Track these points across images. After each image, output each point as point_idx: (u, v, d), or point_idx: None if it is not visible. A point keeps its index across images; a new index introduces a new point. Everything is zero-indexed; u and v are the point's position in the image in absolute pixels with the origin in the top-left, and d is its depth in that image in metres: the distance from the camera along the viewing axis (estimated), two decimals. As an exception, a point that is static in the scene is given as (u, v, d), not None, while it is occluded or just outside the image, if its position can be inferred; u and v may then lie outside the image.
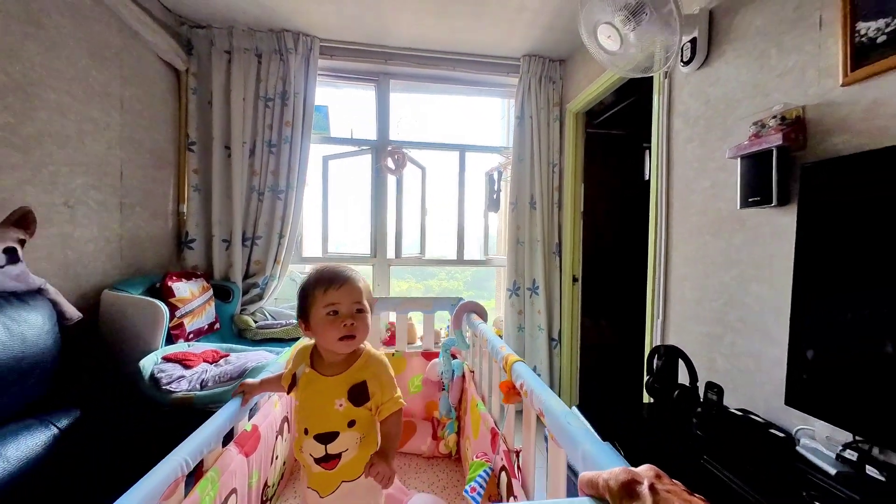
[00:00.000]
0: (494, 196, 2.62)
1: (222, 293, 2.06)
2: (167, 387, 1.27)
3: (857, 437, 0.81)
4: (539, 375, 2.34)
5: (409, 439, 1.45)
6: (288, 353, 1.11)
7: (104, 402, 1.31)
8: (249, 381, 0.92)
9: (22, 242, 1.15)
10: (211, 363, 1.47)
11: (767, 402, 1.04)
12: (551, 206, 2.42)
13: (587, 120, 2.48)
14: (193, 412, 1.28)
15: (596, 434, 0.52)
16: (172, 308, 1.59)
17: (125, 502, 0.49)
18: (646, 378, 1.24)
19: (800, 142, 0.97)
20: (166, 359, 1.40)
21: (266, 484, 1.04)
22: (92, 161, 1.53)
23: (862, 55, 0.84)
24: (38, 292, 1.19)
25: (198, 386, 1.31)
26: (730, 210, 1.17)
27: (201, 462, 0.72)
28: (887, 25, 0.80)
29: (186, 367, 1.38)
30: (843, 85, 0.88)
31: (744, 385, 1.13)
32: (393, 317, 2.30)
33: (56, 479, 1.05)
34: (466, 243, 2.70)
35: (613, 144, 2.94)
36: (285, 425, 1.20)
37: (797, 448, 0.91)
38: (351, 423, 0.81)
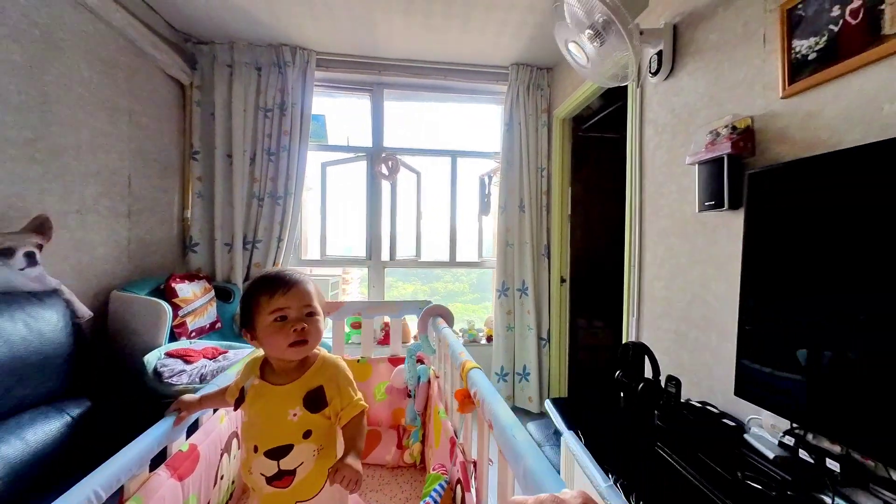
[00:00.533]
0: (486, 200, 2.70)
1: (224, 294, 2.17)
2: (169, 380, 1.38)
3: (794, 425, 0.87)
4: (528, 374, 2.41)
5: (373, 449, 1.37)
6: (238, 365, 1.03)
7: (112, 393, 1.42)
8: (187, 397, 0.84)
9: (40, 247, 1.27)
10: (210, 359, 1.58)
11: (724, 394, 1.10)
12: (540, 210, 2.49)
13: (575, 125, 2.55)
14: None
15: (539, 450, 0.50)
16: (175, 308, 1.70)
17: None
18: (616, 373, 1.31)
19: (749, 149, 1.03)
20: (169, 354, 1.50)
21: None
22: (102, 171, 1.65)
23: (797, 70, 0.91)
24: (54, 292, 1.30)
25: (197, 379, 1.41)
26: (692, 213, 1.23)
27: (122, 491, 0.66)
28: (816, 44, 0.87)
29: (187, 362, 1.48)
30: (782, 97, 0.95)
31: (705, 379, 1.19)
32: (388, 319, 2.39)
33: (67, 462, 1.15)
34: (462, 245, 2.78)
35: (606, 147, 2.99)
36: (234, 441, 1.11)
37: (745, 436, 0.97)
38: (306, 434, 0.76)
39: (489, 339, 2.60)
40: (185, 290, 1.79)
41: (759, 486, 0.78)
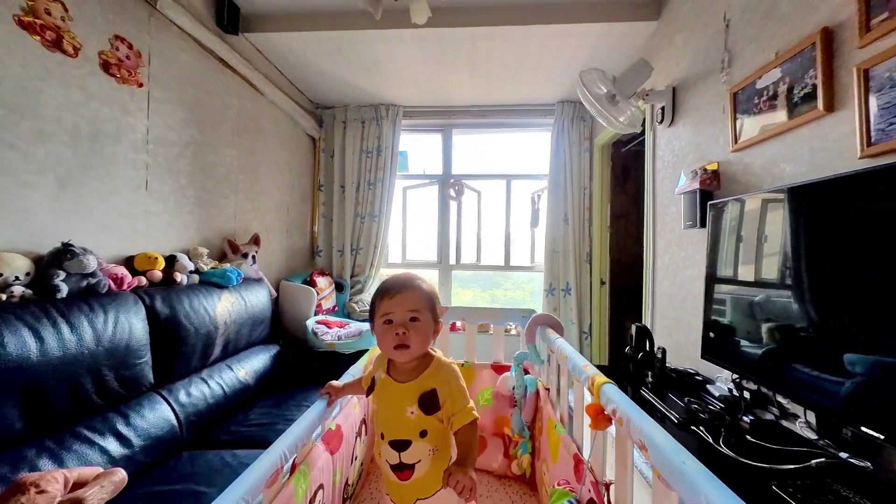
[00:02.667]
0: (535, 214, 3.21)
1: (338, 286, 3.02)
2: (322, 337, 2.17)
3: (734, 375, 1.28)
4: (572, 361, 2.84)
5: (479, 454, 1.36)
6: (366, 358, 1.16)
7: (287, 342, 2.27)
8: (335, 383, 0.92)
9: (256, 252, 2.15)
10: (340, 328, 2.36)
11: (702, 362, 1.51)
12: (582, 222, 2.93)
13: (614, 149, 2.95)
14: (334, 355, 2.16)
15: (716, 477, 0.44)
16: (317, 293, 2.53)
17: (240, 485, 0.52)
18: (626, 348, 1.76)
19: (716, 185, 1.45)
20: (318, 322, 2.32)
21: (347, 482, 1.04)
22: (276, 204, 2.57)
23: (739, 134, 1.33)
24: (261, 280, 2.17)
25: (336, 338, 2.19)
26: (682, 230, 1.65)
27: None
28: (748, 118, 1.29)
29: (329, 327, 2.28)
30: (732, 151, 1.37)
31: (693, 352, 1.59)
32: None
33: (273, 376, 1.98)
34: (515, 252, 3.32)
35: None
36: (363, 427, 1.21)
37: (707, 386, 1.38)
38: (423, 434, 0.79)
39: (538, 331, 3.08)
40: (321, 282, 2.64)
41: (697, 407, 1.22)
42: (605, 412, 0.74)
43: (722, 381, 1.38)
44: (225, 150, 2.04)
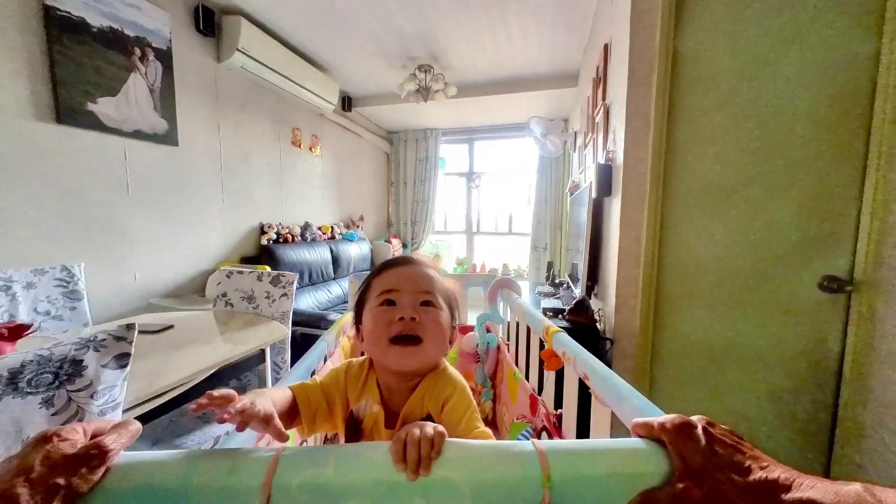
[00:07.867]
0: (528, 196, 4.74)
1: (404, 245, 4.97)
2: (395, 268, 4.15)
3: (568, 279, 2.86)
4: (547, 293, 4.43)
5: None
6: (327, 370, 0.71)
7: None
8: (246, 400, 0.53)
9: (362, 224, 4.15)
10: (404, 265, 4.33)
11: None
12: (557, 202, 4.39)
13: (582, 151, 4.29)
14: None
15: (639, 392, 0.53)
16: (392, 248, 4.50)
17: None
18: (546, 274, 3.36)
19: (572, 189, 2.95)
20: (393, 262, 4.30)
21: None
22: (368, 197, 4.56)
23: (581, 165, 2.81)
24: (365, 239, 4.18)
25: (402, 270, 4.16)
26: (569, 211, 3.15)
27: None
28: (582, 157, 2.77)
29: (399, 265, 4.25)
30: (579, 174, 2.85)
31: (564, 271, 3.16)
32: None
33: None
34: (518, 223, 4.90)
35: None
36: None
37: (564, 282, 2.96)
38: None
39: (525, 275, 4.70)
40: (394, 242, 4.61)
41: (551, 292, 2.84)
42: (557, 355, 0.83)
43: (573, 285, 2.96)
44: (348, 173, 4.02)
